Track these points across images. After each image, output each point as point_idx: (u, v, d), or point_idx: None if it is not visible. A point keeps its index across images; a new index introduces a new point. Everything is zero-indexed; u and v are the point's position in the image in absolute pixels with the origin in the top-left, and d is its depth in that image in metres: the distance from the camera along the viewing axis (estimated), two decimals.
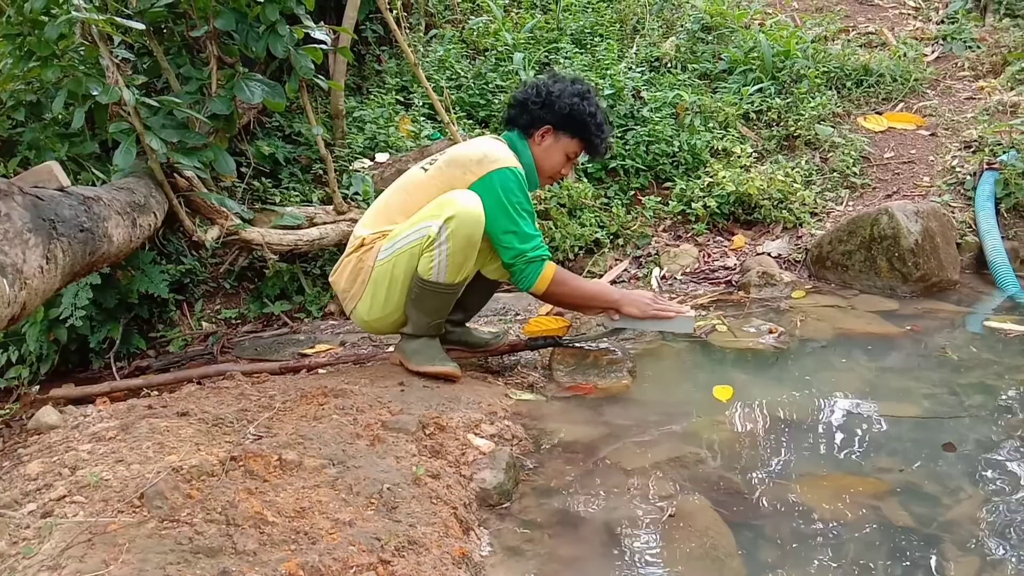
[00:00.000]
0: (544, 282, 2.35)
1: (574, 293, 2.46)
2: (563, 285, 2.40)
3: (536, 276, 2.34)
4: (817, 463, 1.90)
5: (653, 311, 2.50)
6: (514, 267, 2.36)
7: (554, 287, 2.37)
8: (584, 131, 2.45)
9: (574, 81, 2.50)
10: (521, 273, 2.35)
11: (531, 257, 2.32)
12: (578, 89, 2.46)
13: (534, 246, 2.33)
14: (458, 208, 2.19)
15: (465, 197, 2.22)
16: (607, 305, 2.51)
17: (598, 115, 2.45)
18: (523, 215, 2.32)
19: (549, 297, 2.44)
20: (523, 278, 2.35)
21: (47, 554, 1.31)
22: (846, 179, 4.01)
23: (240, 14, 2.92)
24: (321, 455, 1.71)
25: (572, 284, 2.44)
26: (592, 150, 2.50)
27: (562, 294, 2.43)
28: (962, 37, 5.27)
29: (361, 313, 2.39)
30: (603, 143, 2.50)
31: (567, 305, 2.57)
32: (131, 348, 3.19)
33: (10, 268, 1.62)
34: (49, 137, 2.91)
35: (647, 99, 4.37)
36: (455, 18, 5.50)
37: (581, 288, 2.48)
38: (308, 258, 3.57)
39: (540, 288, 2.37)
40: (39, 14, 2.52)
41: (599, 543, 1.61)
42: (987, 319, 2.85)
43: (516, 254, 2.33)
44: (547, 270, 2.35)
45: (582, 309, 2.62)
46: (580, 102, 2.42)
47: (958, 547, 1.54)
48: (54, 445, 1.80)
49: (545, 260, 2.36)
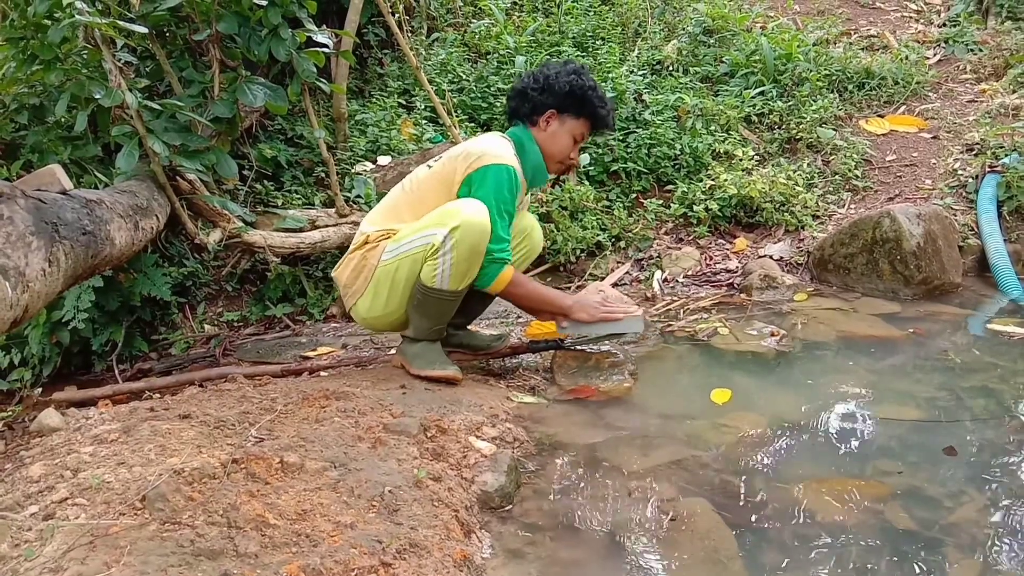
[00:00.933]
0: (501, 283, 2.37)
1: (528, 295, 2.48)
2: (519, 287, 2.42)
3: (495, 276, 2.35)
4: (819, 466, 1.90)
5: (602, 314, 2.50)
6: None
7: (511, 287, 2.40)
8: (587, 106, 2.46)
9: (566, 62, 2.52)
10: (483, 270, 2.35)
11: (495, 258, 2.33)
12: (572, 68, 2.48)
13: (501, 248, 2.34)
14: (463, 218, 2.19)
15: (471, 207, 2.22)
16: (558, 310, 2.52)
17: (597, 88, 2.47)
18: (504, 216, 2.33)
19: (504, 296, 2.46)
20: (482, 275, 2.36)
21: (49, 556, 1.31)
22: (848, 182, 4.01)
23: (242, 18, 2.93)
24: (323, 457, 1.71)
25: (527, 287, 2.47)
26: (599, 122, 2.51)
27: (517, 295, 2.45)
28: (964, 40, 5.26)
29: (361, 310, 2.40)
30: (608, 114, 2.51)
31: (520, 307, 2.59)
32: (133, 351, 3.19)
33: (12, 271, 1.63)
34: (52, 140, 2.92)
35: (649, 102, 4.38)
36: (457, 21, 5.50)
37: (535, 292, 2.50)
38: (310, 261, 3.58)
39: (496, 288, 2.39)
40: (42, 18, 2.53)
41: (600, 546, 1.61)
42: (990, 322, 2.85)
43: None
44: (506, 272, 2.37)
45: (534, 312, 2.64)
46: (577, 78, 2.44)
47: (960, 550, 1.53)
48: (56, 447, 1.80)
49: (506, 263, 2.37)
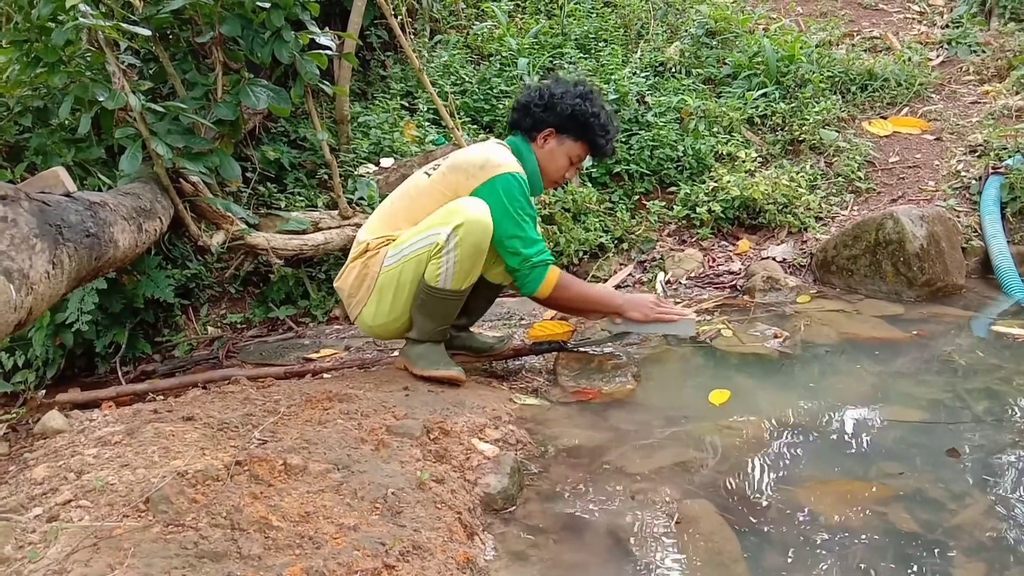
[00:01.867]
0: (548, 287, 2.34)
1: (577, 297, 2.45)
2: (567, 290, 2.39)
3: (540, 280, 2.33)
4: (822, 468, 1.89)
5: (656, 315, 2.50)
6: (519, 272, 2.36)
7: (558, 292, 2.36)
8: (587, 132, 2.44)
9: (577, 83, 2.49)
10: (526, 278, 2.34)
11: (535, 262, 2.32)
12: (580, 91, 2.45)
13: (538, 250, 2.33)
14: (467, 216, 2.19)
15: (474, 205, 2.22)
16: (610, 310, 2.51)
17: (601, 115, 2.44)
18: (526, 220, 2.32)
19: (553, 302, 2.43)
20: (527, 282, 2.35)
21: (53, 558, 1.32)
22: (851, 184, 4.00)
23: (246, 20, 2.93)
24: (326, 460, 1.71)
25: (576, 289, 2.44)
26: (597, 151, 2.49)
27: (566, 298, 2.42)
28: (967, 41, 5.25)
29: (366, 318, 2.40)
30: (607, 144, 2.48)
31: (570, 310, 2.56)
32: (137, 353, 3.20)
33: (17, 273, 1.63)
34: (56, 142, 2.93)
35: (651, 104, 4.37)
36: (460, 23, 5.51)
37: (584, 293, 2.47)
38: (313, 263, 3.58)
39: (544, 293, 2.36)
40: (46, 20, 2.54)
41: (604, 548, 1.61)
42: (993, 324, 2.84)
43: (521, 259, 2.33)
44: (551, 275, 2.34)
45: (585, 314, 2.61)
46: (582, 103, 2.41)
47: (964, 553, 1.53)
48: (60, 449, 1.81)
49: (549, 264, 2.35)
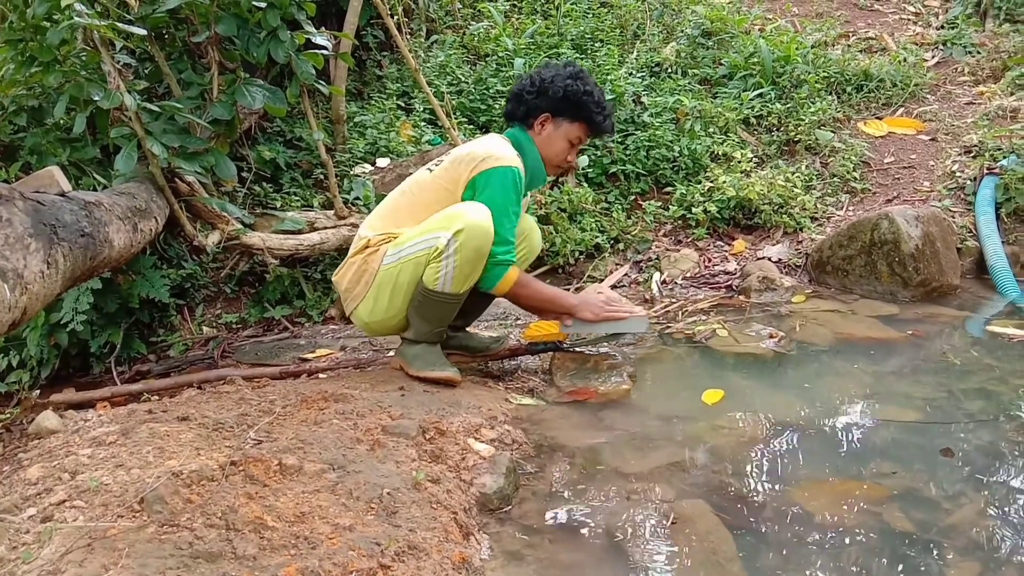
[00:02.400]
0: (506, 284, 2.37)
1: (533, 295, 2.47)
2: (524, 287, 2.42)
3: (499, 278, 2.35)
4: (818, 468, 1.90)
5: (606, 314, 2.51)
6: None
7: (516, 288, 2.39)
8: (582, 111, 2.44)
9: (566, 65, 2.49)
10: (487, 272, 2.35)
11: (500, 260, 2.33)
12: (570, 71, 2.45)
13: (506, 250, 2.34)
14: (468, 221, 2.19)
15: (475, 210, 2.22)
16: (563, 310, 2.52)
17: (595, 93, 2.43)
18: (509, 217, 2.33)
19: (509, 297, 2.46)
20: (487, 277, 2.36)
21: (47, 559, 1.31)
22: (846, 184, 4.01)
23: (241, 20, 2.93)
24: (321, 460, 1.71)
25: (531, 287, 2.46)
26: (596, 128, 2.49)
27: (521, 295, 2.45)
28: (962, 42, 5.27)
29: (362, 314, 2.40)
30: (605, 120, 2.48)
31: (525, 307, 2.59)
32: (132, 353, 3.19)
33: (11, 273, 1.62)
34: (51, 142, 2.92)
35: (647, 104, 4.38)
36: (456, 23, 5.51)
37: (540, 292, 2.50)
38: (309, 263, 3.58)
39: (501, 290, 2.39)
40: (41, 20, 2.53)
41: (599, 548, 1.61)
42: (988, 324, 2.85)
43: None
44: (510, 273, 2.37)
45: (539, 312, 2.64)
46: (573, 83, 2.41)
47: (959, 552, 1.53)
48: (54, 450, 1.80)
49: (511, 265, 2.37)
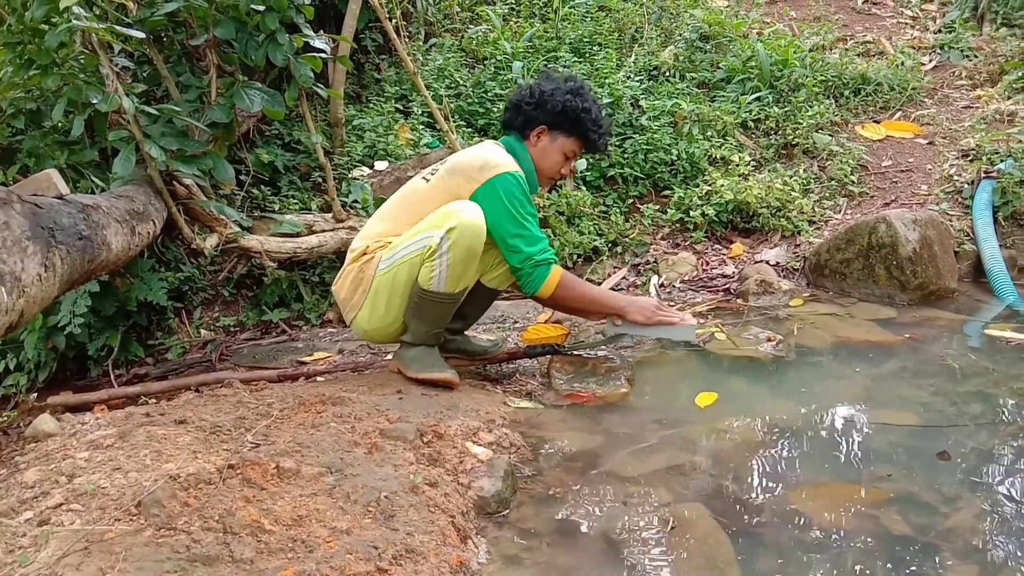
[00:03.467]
0: (551, 285, 2.33)
1: (580, 297, 2.44)
2: (569, 289, 2.38)
3: (543, 280, 2.32)
4: (816, 471, 1.90)
5: (658, 318, 2.49)
6: (522, 271, 2.34)
7: (560, 291, 2.35)
8: (579, 127, 2.43)
9: (567, 79, 2.48)
10: (528, 277, 2.33)
11: (539, 260, 2.31)
12: (570, 86, 2.44)
13: (541, 249, 2.32)
14: (460, 219, 2.19)
15: (467, 208, 2.22)
16: (612, 311, 2.50)
17: (592, 110, 2.42)
18: (528, 218, 2.31)
19: (555, 301, 2.42)
20: (530, 281, 2.33)
21: (43, 562, 1.31)
22: (844, 187, 4.02)
23: (240, 23, 2.93)
24: (319, 463, 1.71)
25: (578, 289, 2.43)
26: (590, 146, 2.48)
27: (568, 298, 2.41)
28: (959, 46, 5.28)
29: (361, 323, 2.39)
30: (601, 137, 2.47)
31: (572, 310, 2.55)
32: (129, 356, 3.18)
33: (8, 276, 1.62)
34: (49, 145, 2.92)
35: (645, 108, 4.38)
36: (454, 27, 5.52)
37: (587, 293, 2.46)
38: (307, 266, 3.57)
39: (547, 292, 2.34)
40: (39, 23, 2.53)
41: (597, 552, 1.61)
42: (986, 327, 2.85)
43: (524, 258, 2.32)
44: (554, 274, 2.33)
45: (586, 314, 2.60)
46: (572, 99, 2.40)
47: (956, 556, 1.53)
48: (51, 453, 1.80)
49: (552, 264, 2.34)
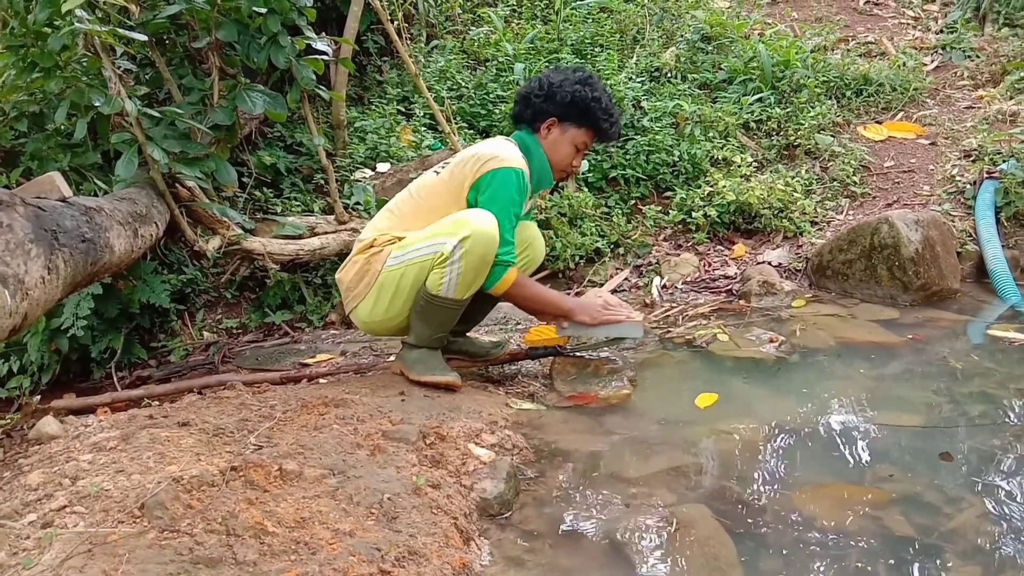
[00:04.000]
0: (505, 285, 2.37)
1: (531, 297, 2.47)
2: (522, 289, 2.42)
3: (499, 278, 2.35)
4: (818, 472, 1.90)
5: (603, 318, 2.51)
6: None
7: (514, 289, 2.39)
8: (589, 117, 2.44)
9: (576, 70, 2.49)
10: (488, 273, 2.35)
11: (499, 260, 2.33)
12: (579, 77, 2.45)
13: (506, 251, 2.34)
14: (473, 228, 2.19)
15: (480, 217, 2.23)
16: (560, 312, 2.52)
17: (602, 99, 2.43)
18: (510, 219, 2.33)
19: (507, 298, 2.46)
20: (487, 277, 2.35)
21: (47, 564, 1.31)
22: (846, 188, 4.02)
23: (242, 25, 2.93)
24: (321, 465, 1.71)
25: (530, 289, 2.47)
26: (602, 135, 2.49)
27: (519, 296, 2.45)
28: (961, 47, 5.28)
29: (362, 314, 2.40)
30: (612, 127, 2.47)
31: (522, 308, 2.59)
32: (132, 358, 3.19)
33: (12, 278, 1.63)
34: (51, 148, 2.92)
35: (647, 109, 4.38)
36: (456, 29, 5.52)
37: (538, 294, 2.50)
38: (309, 268, 3.58)
39: (500, 290, 2.38)
40: (42, 26, 2.54)
41: (600, 553, 1.61)
42: (988, 328, 2.85)
43: None
44: (510, 274, 2.37)
45: (536, 314, 2.64)
46: (582, 89, 2.41)
47: (960, 557, 1.53)
48: (55, 455, 1.80)
49: (510, 266, 2.37)
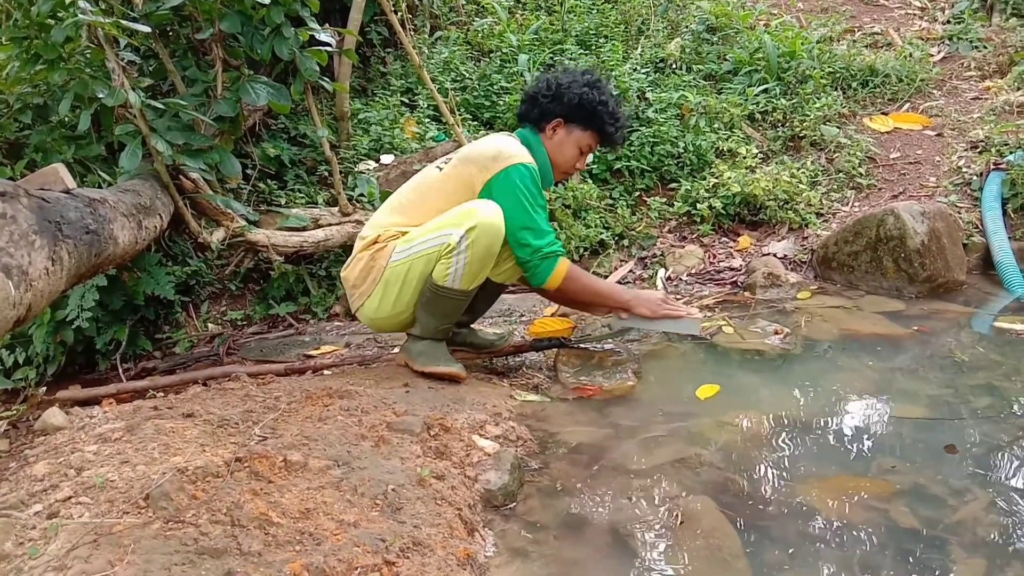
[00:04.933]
0: (558, 278, 2.33)
1: (586, 290, 2.43)
2: (576, 282, 2.38)
3: (550, 272, 2.32)
4: (823, 464, 1.89)
5: (664, 312, 2.49)
6: (529, 263, 2.34)
7: (567, 283, 2.35)
8: (595, 121, 2.42)
9: (584, 72, 2.48)
10: (536, 268, 2.33)
11: (546, 253, 2.31)
12: (587, 79, 2.43)
13: (549, 242, 2.32)
14: (480, 219, 2.18)
15: (487, 208, 2.22)
16: (618, 305, 2.49)
17: (609, 103, 2.42)
18: (538, 211, 2.31)
19: (561, 293, 2.42)
20: (537, 273, 2.33)
21: (53, 555, 1.32)
22: (852, 180, 4.00)
23: (245, 17, 2.93)
24: (326, 456, 1.71)
25: (584, 281, 2.42)
26: (607, 139, 2.47)
27: (574, 291, 2.40)
28: (968, 37, 5.24)
29: (368, 311, 2.39)
30: (617, 131, 2.46)
31: (577, 303, 2.54)
32: (137, 350, 3.20)
33: (16, 270, 1.63)
34: (55, 139, 2.93)
35: (652, 100, 4.36)
36: (460, 20, 5.50)
37: (593, 286, 2.46)
38: (313, 259, 3.58)
39: (553, 284, 2.34)
40: (46, 17, 2.53)
41: (604, 544, 1.61)
42: (994, 320, 2.84)
43: (533, 250, 2.32)
44: (561, 266, 2.33)
45: (592, 308, 2.59)
46: (589, 92, 2.39)
47: (964, 549, 1.53)
48: (60, 446, 1.81)
49: (559, 256, 2.34)
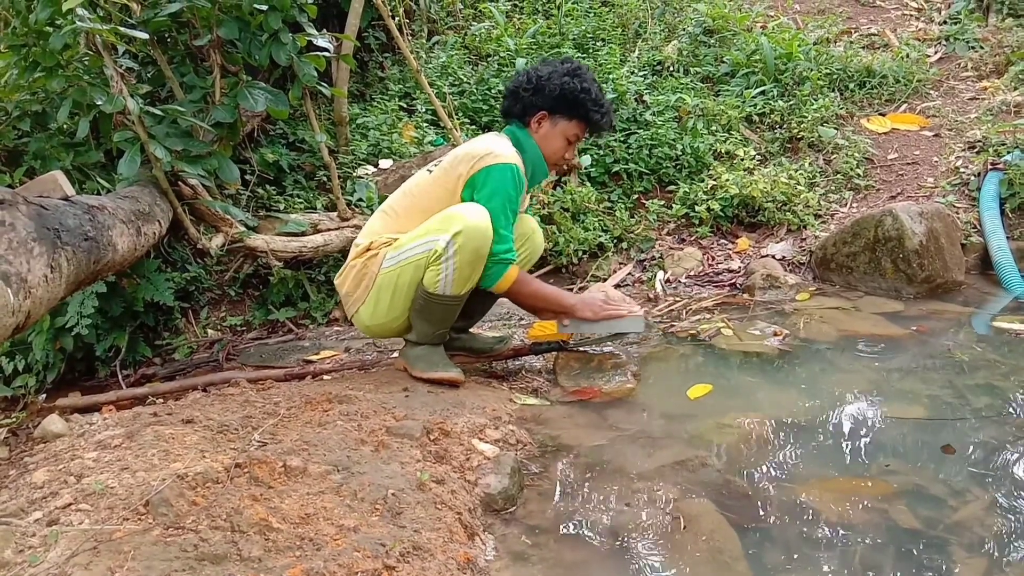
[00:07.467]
0: (506, 283, 2.37)
1: (532, 294, 2.48)
2: (524, 286, 2.43)
3: (500, 276, 2.36)
4: (823, 465, 1.89)
5: (605, 313, 2.51)
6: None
7: (515, 287, 2.39)
8: (579, 109, 2.41)
9: (564, 61, 2.46)
10: (488, 271, 2.35)
11: (500, 259, 2.33)
12: (567, 68, 2.42)
13: (507, 248, 2.34)
14: (466, 223, 2.19)
15: (472, 211, 2.22)
16: (562, 309, 2.52)
17: (592, 90, 2.40)
18: (508, 215, 2.33)
19: (508, 296, 2.46)
20: (488, 276, 2.35)
21: (53, 562, 1.32)
22: (850, 181, 4.00)
23: (243, 23, 2.93)
24: (326, 461, 1.71)
25: (532, 287, 2.47)
26: (593, 126, 2.46)
27: (521, 294, 2.45)
28: (965, 37, 5.26)
29: (363, 318, 2.40)
30: (603, 117, 2.44)
31: (524, 306, 2.59)
32: (137, 356, 3.19)
33: (14, 277, 1.63)
34: (54, 147, 2.92)
35: (650, 103, 4.37)
36: (457, 24, 5.51)
37: (540, 291, 2.50)
38: (313, 265, 3.58)
39: (501, 288, 2.39)
40: (44, 24, 2.54)
41: (604, 548, 1.61)
42: (993, 320, 2.84)
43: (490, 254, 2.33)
44: (511, 271, 2.37)
45: (538, 312, 2.63)
46: (571, 80, 2.38)
47: (965, 549, 1.53)
48: (60, 453, 1.81)
49: (511, 263, 2.37)
